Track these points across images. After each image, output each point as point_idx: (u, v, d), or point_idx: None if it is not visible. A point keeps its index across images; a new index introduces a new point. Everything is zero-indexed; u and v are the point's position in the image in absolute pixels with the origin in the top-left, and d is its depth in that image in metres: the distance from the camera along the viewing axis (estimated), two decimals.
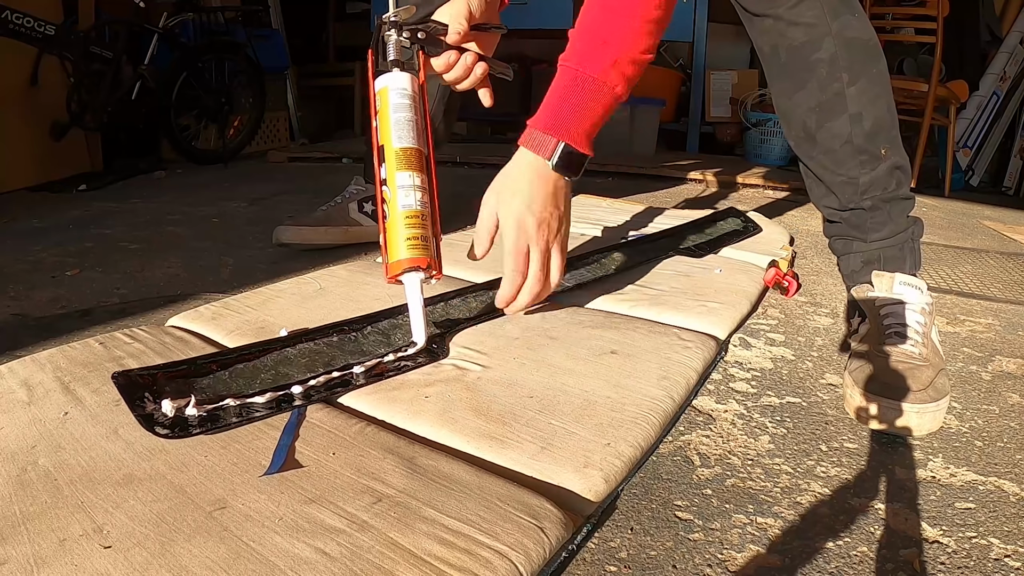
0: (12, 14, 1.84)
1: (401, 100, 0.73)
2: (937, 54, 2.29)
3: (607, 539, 0.50)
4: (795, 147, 0.93)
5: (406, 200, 0.70)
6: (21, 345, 0.80)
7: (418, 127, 0.73)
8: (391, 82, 0.73)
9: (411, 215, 0.69)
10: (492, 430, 0.59)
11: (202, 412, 0.58)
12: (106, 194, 1.96)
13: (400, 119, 0.72)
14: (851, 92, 0.84)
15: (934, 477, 0.59)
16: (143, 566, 0.41)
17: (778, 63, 0.88)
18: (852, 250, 0.91)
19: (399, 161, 0.70)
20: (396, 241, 0.68)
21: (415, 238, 0.69)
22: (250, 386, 0.64)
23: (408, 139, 0.71)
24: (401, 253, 0.68)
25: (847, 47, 0.83)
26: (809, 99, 0.86)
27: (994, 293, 1.12)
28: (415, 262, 0.68)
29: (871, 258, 0.89)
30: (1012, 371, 0.82)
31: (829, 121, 0.85)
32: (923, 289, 0.84)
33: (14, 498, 0.47)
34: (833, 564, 0.48)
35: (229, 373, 0.66)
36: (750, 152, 2.85)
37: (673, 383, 0.69)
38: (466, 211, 1.69)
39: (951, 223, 1.77)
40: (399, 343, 0.74)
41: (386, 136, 0.72)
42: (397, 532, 0.45)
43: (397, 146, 0.71)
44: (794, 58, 0.86)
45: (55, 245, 1.34)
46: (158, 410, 0.58)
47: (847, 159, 0.86)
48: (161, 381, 0.64)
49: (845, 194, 0.88)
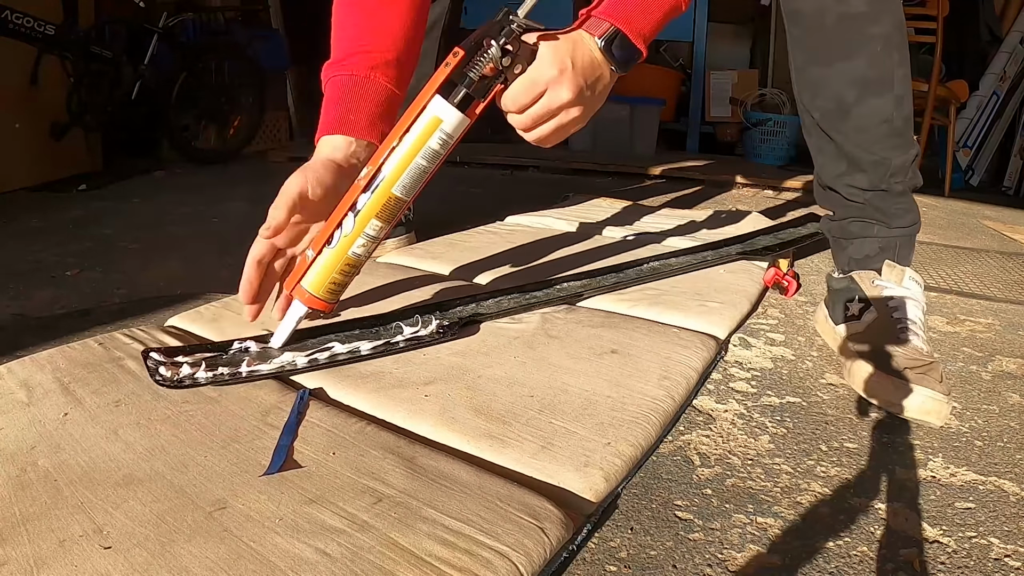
0: (12, 14, 1.84)
1: (435, 147, 0.65)
2: (937, 54, 2.29)
3: (607, 539, 0.50)
4: (819, 119, 0.88)
5: (358, 248, 0.68)
6: (21, 345, 0.80)
7: (423, 180, 0.68)
8: (446, 119, 0.64)
9: (350, 263, 0.69)
10: (492, 429, 0.59)
11: (209, 375, 0.65)
12: (106, 194, 1.96)
13: (418, 166, 0.66)
14: (899, 74, 0.82)
15: (934, 477, 0.59)
16: (143, 567, 0.41)
17: (820, 27, 0.83)
18: (871, 234, 0.89)
19: (383, 208, 0.66)
20: (321, 277, 0.68)
21: (336, 284, 0.69)
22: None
23: (407, 190, 0.67)
24: (316, 289, 0.68)
25: (899, 29, 0.82)
26: (854, 71, 0.82)
27: (994, 293, 1.12)
28: (317, 304, 0.69)
29: (889, 245, 0.88)
30: (1012, 371, 0.82)
31: (873, 98, 0.83)
32: (923, 286, 0.85)
33: (14, 499, 0.47)
34: (833, 564, 0.48)
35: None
36: (750, 152, 2.85)
37: (673, 383, 0.69)
38: (467, 211, 1.69)
39: (951, 223, 1.77)
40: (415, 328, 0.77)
41: (393, 173, 0.66)
42: (397, 532, 0.45)
43: (395, 192, 0.66)
44: (847, 26, 0.81)
45: (55, 245, 1.34)
46: (175, 371, 0.65)
47: (882, 139, 0.84)
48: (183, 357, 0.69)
49: (876, 175, 0.86)
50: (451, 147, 0.67)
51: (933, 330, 0.95)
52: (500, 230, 1.35)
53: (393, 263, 1.11)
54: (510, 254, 1.15)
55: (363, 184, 0.66)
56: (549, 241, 1.25)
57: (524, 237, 1.28)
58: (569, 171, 2.47)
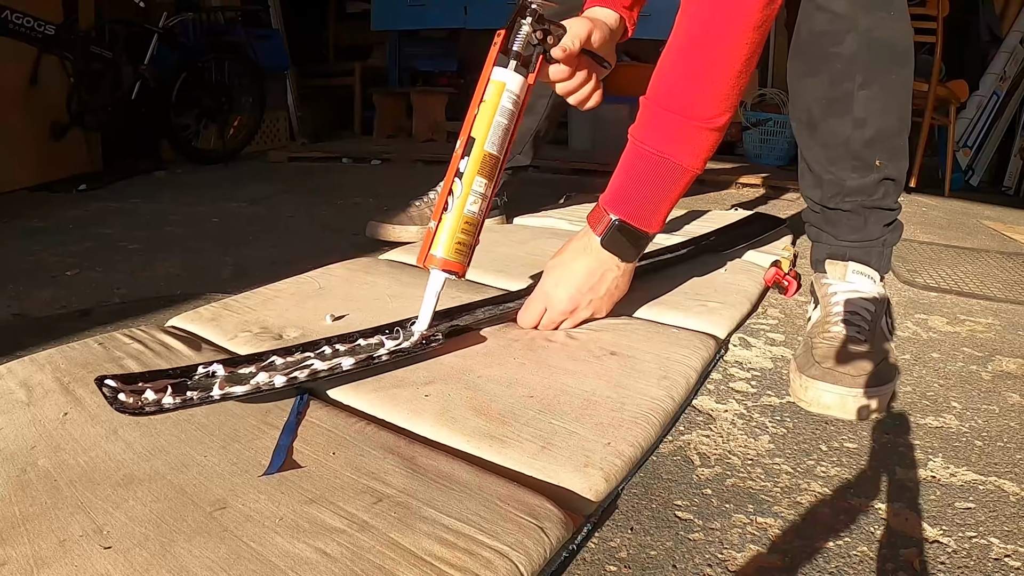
0: (12, 14, 1.83)
1: (508, 105, 0.74)
2: (937, 54, 2.29)
3: (607, 539, 0.50)
4: (795, 129, 0.91)
5: (472, 206, 0.73)
6: (21, 345, 0.80)
7: (508, 135, 0.75)
8: (509, 81, 0.74)
9: (470, 221, 0.73)
10: (492, 429, 0.59)
11: (177, 400, 0.60)
12: (106, 194, 1.96)
13: (500, 124, 0.74)
14: (860, 96, 0.80)
15: (934, 477, 0.59)
16: (143, 566, 0.41)
17: (799, 40, 0.85)
18: (822, 240, 0.91)
19: (483, 165, 0.73)
20: (448, 239, 0.73)
21: (463, 244, 0.73)
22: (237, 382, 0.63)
23: (498, 146, 0.74)
24: (447, 252, 0.72)
25: (870, 48, 0.79)
26: (817, 89, 0.83)
27: (994, 293, 1.12)
28: (452, 266, 0.73)
29: (836, 253, 0.88)
30: (1012, 371, 0.82)
31: (832, 117, 0.83)
32: (876, 279, 0.84)
33: (14, 499, 0.47)
34: (833, 564, 0.48)
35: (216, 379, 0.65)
36: (750, 152, 2.85)
37: (673, 383, 0.69)
38: None
39: (951, 223, 1.77)
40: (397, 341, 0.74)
41: (481, 133, 0.73)
42: (397, 532, 0.45)
43: (488, 149, 0.73)
44: (813, 43, 0.82)
45: (55, 245, 1.34)
46: (137, 398, 0.59)
47: (840, 159, 0.84)
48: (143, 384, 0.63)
49: (829, 191, 0.86)
50: (522, 106, 0.75)
51: (933, 330, 0.95)
52: (500, 229, 1.35)
53: (394, 261, 1.11)
54: (511, 253, 1.15)
55: (460, 151, 0.74)
56: (550, 240, 1.25)
57: (525, 236, 1.28)
58: (569, 171, 2.47)
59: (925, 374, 0.80)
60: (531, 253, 1.15)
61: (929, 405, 0.73)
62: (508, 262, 1.09)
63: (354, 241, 1.39)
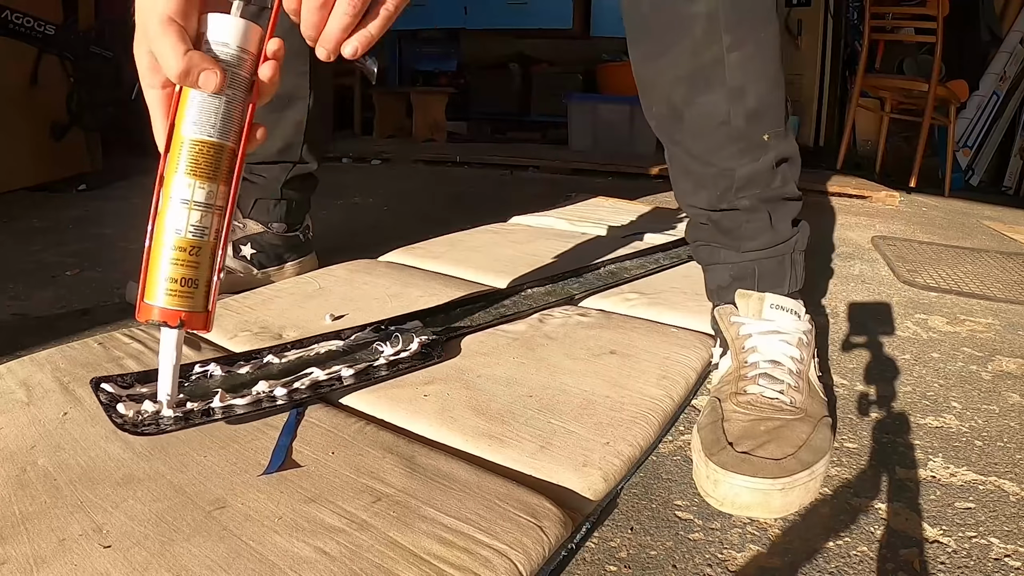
0: (12, 14, 1.84)
1: (234, 69, 0.48)
2: (937, 54, 2.29)
3: (607, 539, 0.50)
4: (656, 128, 0.73)
5: (178, 222, 0.49)
6: (21, 345, 0.80)
7: (235, 109, 0.49)
8: (212, 30, 0.47)
9: (188, 246, 0.49)
10: (491, 429, 0.59)
11: (178, 413, 0.57)
12: (106, 194, 1.96)
13: (202, 96, 0.47)
14: (732, 59, 0.64)
15: (934, 477, 0.59)
16: (143, 566, 0.41)
17: (638, 15, 0.68)
18: (720, 260, 0.74)
19: (189, 161, 0.48)
20: (154, 278, 0.49)
21: (185, 281, 0.50)
22: (235, 390, 0.62)
23: (215, 128, 0.48)
24: (158, 298, 0.49)
25: (731, 2, 0.63)
26: (677, 66, 0.66)
27: (994, 293, 1.12)
28: (169, 316, 0.50)
29: (743, 273, 0.72)
30: (1012, 371, 0.82)
31: (702, 95, 0.66)
32: (800, 314, 0.67)
33: (14, 498, 0.47)
34: (833, 564, 0.48)
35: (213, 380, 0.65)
36: None
37: (672, 382, 0.69)
38: (467, 211, 1.69)
39: (951, 223, 1.77)
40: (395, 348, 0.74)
41: (181, 114, 0.48)
42: (397, 531, 0.45)
43: (194, 136, 0.48)
44: (661, 10, 0.65)
45: (55, 245, 1.34)
46: (135, 409, 0.57)
47: (722, 145, 0.68)
48: (140, 387, 0.62)
49: (717, 190, 0.70)
50: (253, 58, 0.49)
51: (933, 330, 0.95)
52: (501, 229, 1.35)
53: (394, 262, 1.11)
54: (511, 254, 1.15)
55: (163, 148, 0.49)
56: (549, 241, 1.25)
57: (525, 236, 1.28)
58: (569, 171, 2.47)
59: (925, 374, 0.80)
60: (531, 253, 1.15)
61: (929, 405, 0.73)
62: (508, 262, 1.09)
63: (354, 241, 1.39)
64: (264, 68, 0.49)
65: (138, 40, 0.49)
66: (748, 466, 0.52)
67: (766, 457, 0.53)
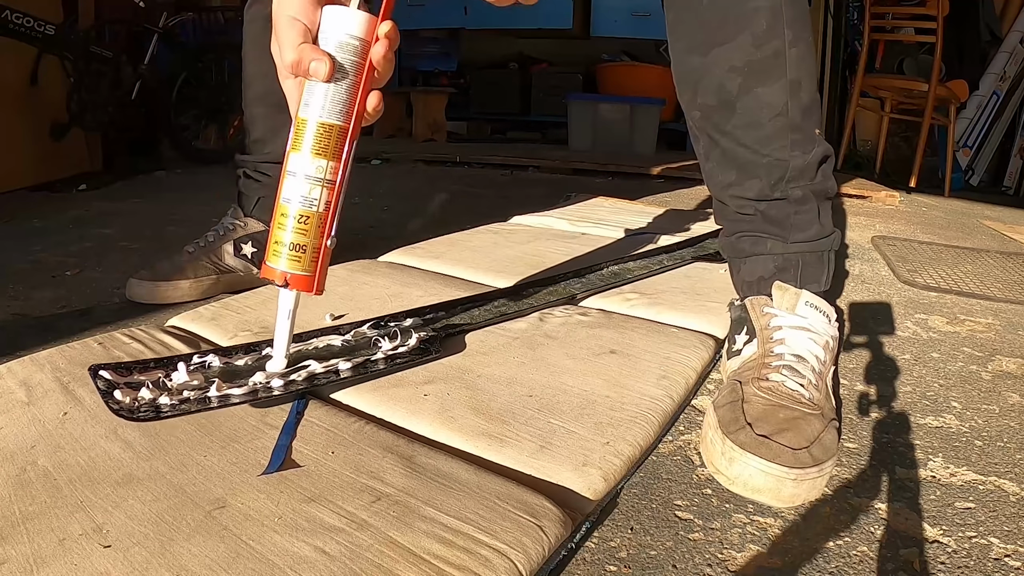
0: (12, 14, 1.84)
1: (345, 55, 0.52)
2: (937, 54, 2.29)
3: (607, 538, 0.50)
4: (700, 119, 0.74)
5: (290, 193, 0.55)
6: (21, 345, 0.80)
7: (347, 91, 0.53)
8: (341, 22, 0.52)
9: (304, 215, 0.55)
10: (491, 428, 0.59)
11: (174, 400, 0.58)
12: (106, 194, 1.96)
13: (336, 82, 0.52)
14: (792, 55, 0.67)
15: (934, 477, 0.59)
16: (143, 565, 0.41)
17: (688, 9, 0.70)
18: (765, 251, 0.74)
19: (303, 139, 0.54)
20: (279, 244, 0.56)
21: (289, 245, 0.56)
22: (232, 380, 0.63)
23: (318, 109, 0.53)
24: (281, 263, 0.56)
25: (792, 1, 0.67)
26: (734, 56, 0.68)
27: (994, 293, 1.12)
28: (278, 276, 0.56)
29: (788, 264, 0.72)
30: (1012, 371, 0.82)
31: (760, 86, 0.68)
32: (831, 319, 0.68)
33: (14, 498, 0.47)
34: (833, 564, 0.48)
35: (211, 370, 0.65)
36: None
37: (672, 382, 0.69)
38: (467, 211, 1.69)
39: (951, 223, 1.77)
40: (393, 343, 0.74)
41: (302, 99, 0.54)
42: (396, 531, 0.45)
43: (305, 117, 0.53)
44: (718, 2, 0.68)
45: (55, 245, 1.34)
46: (132, 396, 0.58)
47: (777, 135, 0.69)
48: (138, 375, 0.63)
49: (771, 179, 0.71)
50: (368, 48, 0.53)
51: (933, 330, 0.95)
52: (501, 230, 1.35)
53: (394, 262, 1.11)
54: (511, 254, 1.15)
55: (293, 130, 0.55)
56: (549, 241, 1.25)
57: (525, 237, 1.28)
58: (569, 171, 2.47)
59: (925, 374, 0.80)
60: (531, 253, 1.15)
61: (929, 405, 0.73)
62: (508, 262, 1.09)
63: (354, 241, 1.39)
64: (375, 49, 0.53)
65: (273, 38, 0.54)
66: (766, 450, 0.53)
67: (785, 444, 0.54)
